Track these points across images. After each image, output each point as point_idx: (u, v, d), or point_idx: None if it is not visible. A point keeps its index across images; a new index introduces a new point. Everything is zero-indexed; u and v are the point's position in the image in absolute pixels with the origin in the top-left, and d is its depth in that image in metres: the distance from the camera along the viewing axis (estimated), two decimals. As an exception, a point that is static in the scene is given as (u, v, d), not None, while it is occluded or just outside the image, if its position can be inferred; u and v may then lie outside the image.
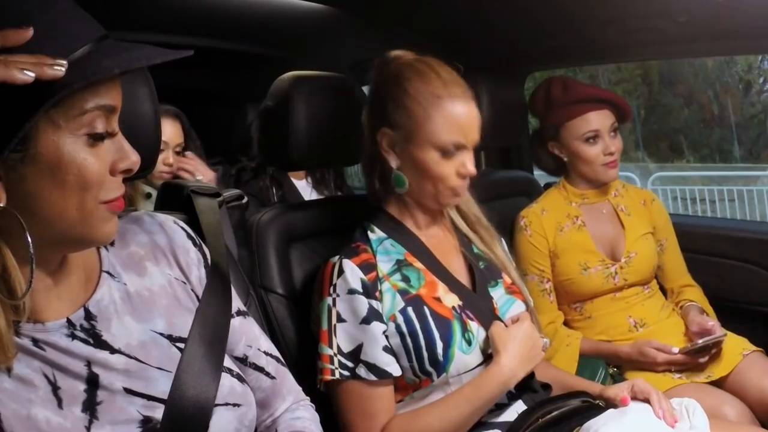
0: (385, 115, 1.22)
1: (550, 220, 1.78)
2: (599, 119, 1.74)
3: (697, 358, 1.60)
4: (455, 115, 1.18)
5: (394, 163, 1.23)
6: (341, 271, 1.17)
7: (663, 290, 1.84)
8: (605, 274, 1.72)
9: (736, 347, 1.65)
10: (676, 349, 1.59)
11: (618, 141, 1.76)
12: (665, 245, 1.84)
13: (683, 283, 1.84)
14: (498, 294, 1.27)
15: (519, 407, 1.20)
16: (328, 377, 1.15)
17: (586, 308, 1.76)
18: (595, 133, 1.74)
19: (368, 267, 1.18)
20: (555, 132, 1.80)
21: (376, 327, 1.16)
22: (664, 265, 1.83)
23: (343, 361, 1.15)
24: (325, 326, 1.17)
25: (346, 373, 1.15)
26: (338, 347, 1.16)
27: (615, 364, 1.69)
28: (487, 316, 1.22)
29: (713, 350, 1.61)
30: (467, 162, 1.21)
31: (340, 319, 1.16)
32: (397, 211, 1.28)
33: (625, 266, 1.73)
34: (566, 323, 1.78)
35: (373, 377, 1.14)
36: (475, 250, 1.32)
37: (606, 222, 1.80)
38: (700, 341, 1.58)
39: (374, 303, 1.16)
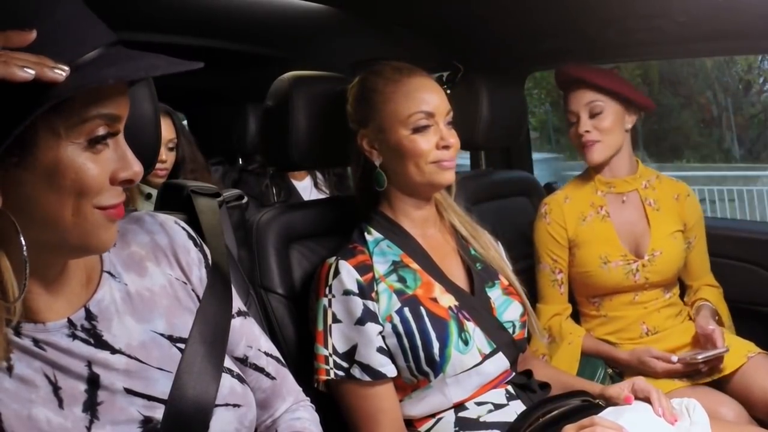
0: (358, 119, 1.26)
1: (573, 209, 1.73)
2: (575, 100, 1.72)
3: (696, 366, 1.57)
4: (414, 87, 1.22)
5: (377, 160, 1.25)
6: (337, 272, 1.18)
7: (682, 288, 1.80)
8: (626, 270, 1.66)
9: (740, 349, 1.62)
10: (675, 358, 1.56)
11: (598, 122, 1.69)
12: (694, 243, 1.77)
13: (705, 282, 1.80)
14: (495, 294, 1.28)
15: (518, 407, 1.20)
16: (323, 377, 1.16)
17: (604, 305, 1.72)
18: (574, 114, 1.72)
19: (364, 268, 1.19)
20: None
21: (371, 328, 1.16)
22: (690, 262, 1.77)
23: (338, 361, 1.16)
24: (321, 327, 1.18)
25: (341, 373, 1.16)
26: (333, 348, 1.16)
27: (614, 366, 1.68)
28: (484, 316, 1.23)
29: (714, 363, 1.58)
30: (444, 132, 1.22)
31: (335, 320, 1.17)
32: (391, 211, 1.28)
33: (648, 264, 1.67)
34: (580, 315, 1.76)
35: (367, 378, 1.15)
36: (473, 252, 1.33)
37: (632, 215, 1.73)
38: (700, 357, 1.54)
39: (370, 304, 1.17)
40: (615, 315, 1.71)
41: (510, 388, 1.23)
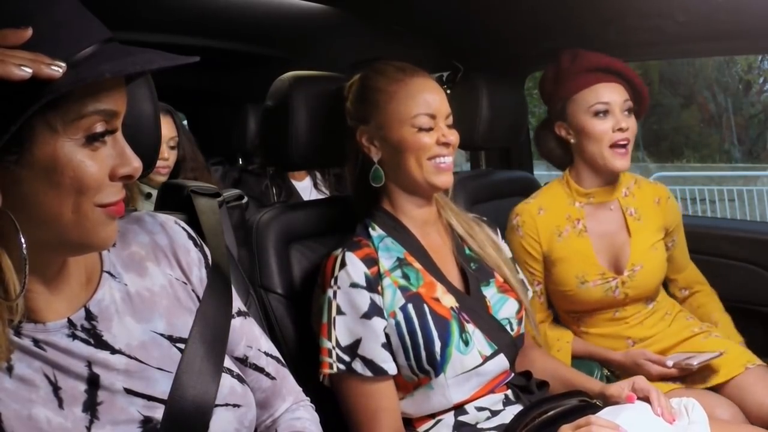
0: (358, 116, 1.27)
1: (547, 222, 1.62)
2: (611, 92, 1.57)
3: (691, 370, 1.50)
4: (417, 89, 1.23)
5: (375, 156, 1.26)
6: (343, 264, 1.18)
7: (665, 284, 1.75)
8: (605, 288, 1.58)
9: (739, 357, 1.54)
10: (670, 362, 1.48)
11: (632, 122, 1.57)
12: (676, 240, 1.72)
13: (695, 279, 1.75)
14: (490, 293, 1.28)
15: (516, 411, 1.19)
16: (327, 371, 1.16)
17: (584, 321, 1.65)
18: (606, 106, 1.56)
19: (371, 261, 1.19)
20: (562, 108, 1.63)
21: (377, 323, 1.16)
22: (673, 258, 1.71)
23: (341, 354, 1.16)
24: (325, 319, 1.17)
25: (342, 366, 1.15)
26: (336, 340, 1.16)
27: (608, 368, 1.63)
28: (483, 318, 1.23)
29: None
30: (445, 131, 1.23)
31: (339, 312, 1.17)
32: (392, 209, 1.29)
33: (627, 280, 1.58)
34: (564, 325, 1.72)
35: (368, 373, 1.15)
36: (467, 252, 1.32)
37: (611, 227, 1.63)
38: (695, 363, 1.47)
39: (376, 297, 1.17)
40: (597, 331, 1.63)
41: (509, 392, 1.23)
